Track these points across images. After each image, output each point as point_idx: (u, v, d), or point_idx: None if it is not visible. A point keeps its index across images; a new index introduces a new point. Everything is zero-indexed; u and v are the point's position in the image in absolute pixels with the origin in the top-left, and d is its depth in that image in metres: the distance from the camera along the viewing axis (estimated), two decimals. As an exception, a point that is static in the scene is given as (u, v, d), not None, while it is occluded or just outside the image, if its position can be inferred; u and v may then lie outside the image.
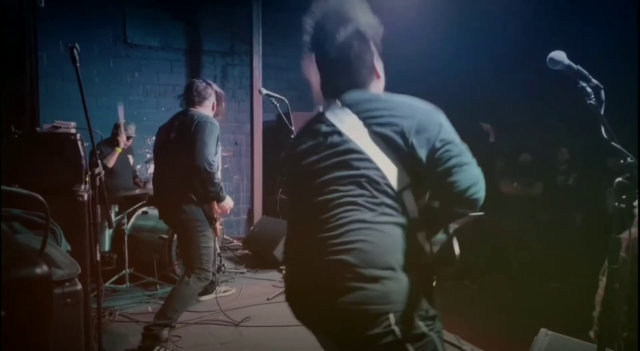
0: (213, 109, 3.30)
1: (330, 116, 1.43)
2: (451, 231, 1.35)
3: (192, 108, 3.21)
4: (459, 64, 5.71)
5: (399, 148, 1.30)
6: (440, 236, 1.36)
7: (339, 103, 1.44)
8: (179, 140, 3.09)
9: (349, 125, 1.37)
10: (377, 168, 1.30)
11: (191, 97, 3.24)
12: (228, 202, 3.21)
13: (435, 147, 1.28)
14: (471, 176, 1.28)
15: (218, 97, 3.33)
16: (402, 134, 1.29)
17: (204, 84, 3.28)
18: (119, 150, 4.68)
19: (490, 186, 1.32)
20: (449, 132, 1.32)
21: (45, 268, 0.85)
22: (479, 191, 1.29)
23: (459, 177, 1.26)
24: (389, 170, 1.30)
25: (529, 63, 3.94)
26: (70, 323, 1.40)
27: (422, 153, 1.28)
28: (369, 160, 1.31)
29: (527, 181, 5.20)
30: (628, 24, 4.24)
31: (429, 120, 1.32)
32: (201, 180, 3.01)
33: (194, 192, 3.05)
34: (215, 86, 3.35)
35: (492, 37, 5.34)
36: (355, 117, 1.37)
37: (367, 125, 1.33)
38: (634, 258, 1.99)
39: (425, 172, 1.30)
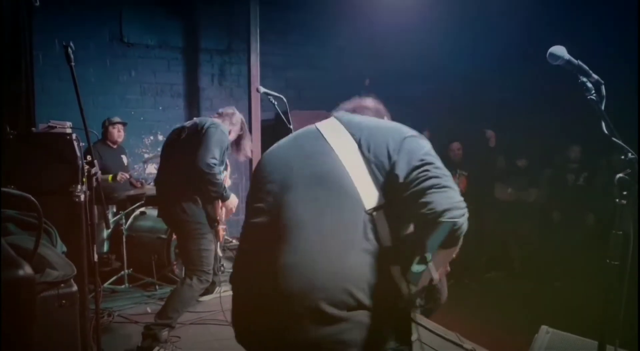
0: (229, 134, 3.28)
1: (322, 128, 1.41)
2: (428, 257, 1.18)
3: (211, 117, 3.29)
4: (460, 64, 5.70)
5: (380, 166, 1.25)
6: (415, 268, 1.19)
7: (334, 119, 1.44)
8: (188, 140, 3.12)
9: (336, 138, 1.34)
10: (354, 187, 1.23)
11: (218, 112, 3.41)
12: (232, 201, 3.26)
13: (415, 166, 1.22)
14: (449, 200, 1.16)
15: (242, 133, 3.40)
16: (387, 151, 1.26)
17: (237, 112, 3.43)
18: (110, 178, 4.52)
19: (490, 185, 1.27)
20: (432, 156, 1.27)
21: (28, 269, 0.84)
22: (457, 217, 1.15)
23: (435, 198, 1.16)
24: (367, 190, 1.23)
25: (530, 61, 3.93)
26: (66, 325, 1.38)
27: (401, 171, 1.23)
28: (347, 176, 1.25)
29: (521, 186, 5.16)
30: (628, 20, 4.23)
31: (415, 142, 1.29)
32: (203, 180, 3.00)
33: (198, 192, 3.05)
34: (245, 125, 3.45)
35: (492, 36, 5.33)
36: (345, 131, 1.35)
37: (355, 138, 1.31)
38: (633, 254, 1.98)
39: (400, 193, 1.21)
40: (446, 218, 1.13)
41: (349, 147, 1.29)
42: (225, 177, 3.47)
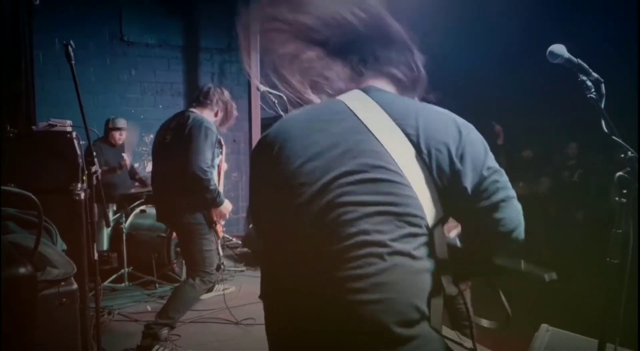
0: (216, 116, 3.22)
1: (356, 109, 1.08)
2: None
3: (192, 109, 3.17)
4: (460, 61, 5.69)
5: (442, 174, 1.02)
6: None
7: (366, 96, 1.10)
8: (174, 144, 3.04)
9: (386, 132, 1.04)
10: (415, 198, 1.01)
11: (195, 97, 3.24)
12: (226, 207, 3.12)
13: (483, 176, 1.03)
14: (518, 213, 1.07)
15: (226, 106, 3.26)
16: (450, 156, 1.02)
17: (214, 88, 3.24)
18: (119, 173, 4.55)
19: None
20: (492, 157, 1.08)
21: (29, 267, 0.84)
22: (522, 231, 1.08)
23: (507, 214, 1.04)
24: (426, 201, 1.02)
25: (530, 59, 3.92)
26: (67, 323, 1.39)
27: (468, 183, 1.02)
28: (406, 185, 1.01)
29: (532, 178, 5.19)
30: (628, 19, 4.23)
31: (474, 141, 1.06)
32: (198, 186, 2.93)
33: (192, 197, 2.98)
34: (226, 95, 3.29)
35: (492, 33, 5.32)
36: (392, 122, 1.05)
37: (410, 138, 1.03)
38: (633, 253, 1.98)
39: (464, 206, 1.05)
40: (515, 236, 1.08)
41: (406, 150, 1.03)
42: (221, 160, 3.43)
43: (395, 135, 1.03)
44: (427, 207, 1.02)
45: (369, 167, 1.02)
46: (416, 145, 1.02)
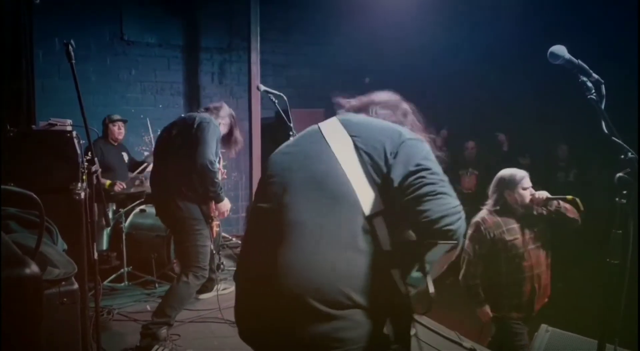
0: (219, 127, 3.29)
1: (324, 129, 1.39)
2: (427, 268, 1.17)
3: (198, 112, 3.28)
4: (457, 62, 5.69)
5: (377, 169, 1.25)
6: (415, 274, 1.20)
7: (336, 119, 1.42)
8: (180, 138, 3.11)
9: (338, 140, 1.32)
10: (352, 190, 1.23)
11: (206, 107, 3.39)
12: (226, 204, 3.22)
13: (410, 171, 1.22)
14: (445, 206, 1.18)
15: (231, 124, 3.38)
16: (385, 154, 1.25)
17: (225, 105, 3.40)
18: (107, 184, 4.46)
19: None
20: (429, 160, 1.26)
21: (34, 268, 0.84)
22: (453, 223, 1.17)
23: (430, 206, 1.17)
24: (364, 193, 1.22)
25: (527, 59, 3.92)
26: (67, 322, 1.39)
27: (396, 176, 1.22)
28: (345, 179, 1.24)
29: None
30: (628, 19, 4.23)
31: (412, 145, 1.27)
32: (202, 179, 3.00)
33: (192, 190, 3.05)
34: (231, 114, 3.41)
35: (490, 33, 5.32)
36: (346, 134, 1.33)
37: (354, 143, 1.30)
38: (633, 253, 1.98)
39: (397, 199, 1.21)
40: (441, 226, 1.15)
41: (347, 148, 1.29)
42: (219, 169, 3.47)
43: (345, 141, 1.31)
44: (366, 199, 1.21)
45: (315, 164, 1.30)
46: (357, 146, 1.28)
